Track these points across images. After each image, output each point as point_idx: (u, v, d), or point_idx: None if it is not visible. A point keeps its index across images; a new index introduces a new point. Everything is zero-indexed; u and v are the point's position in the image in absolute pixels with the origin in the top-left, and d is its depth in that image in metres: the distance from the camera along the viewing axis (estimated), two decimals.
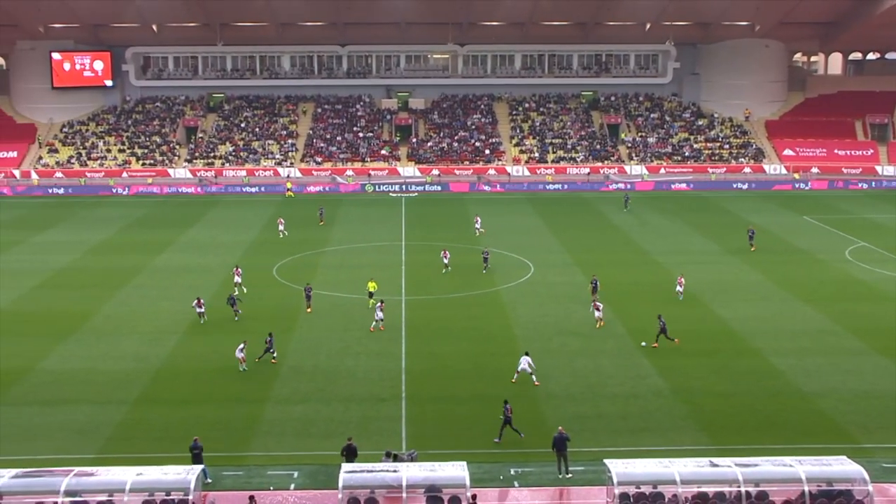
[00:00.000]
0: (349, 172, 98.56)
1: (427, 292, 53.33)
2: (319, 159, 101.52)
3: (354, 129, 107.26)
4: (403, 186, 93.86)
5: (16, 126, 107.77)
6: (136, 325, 46.90)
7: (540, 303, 51.10)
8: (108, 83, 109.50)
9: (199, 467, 28.33)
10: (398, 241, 68.32)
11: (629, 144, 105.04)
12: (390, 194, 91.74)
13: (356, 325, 47.14)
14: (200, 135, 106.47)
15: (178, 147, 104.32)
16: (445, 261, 57.89)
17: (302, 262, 61.64)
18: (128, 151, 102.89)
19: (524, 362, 38.99)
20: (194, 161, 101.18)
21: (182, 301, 51.18)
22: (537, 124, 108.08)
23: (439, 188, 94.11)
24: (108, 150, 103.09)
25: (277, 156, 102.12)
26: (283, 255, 63.00)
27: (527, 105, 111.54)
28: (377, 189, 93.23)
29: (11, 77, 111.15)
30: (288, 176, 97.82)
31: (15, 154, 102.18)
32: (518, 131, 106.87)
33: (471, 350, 43.02)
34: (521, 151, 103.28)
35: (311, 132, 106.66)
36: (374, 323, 46.21)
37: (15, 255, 64.35)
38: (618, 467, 27.63)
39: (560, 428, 31.52)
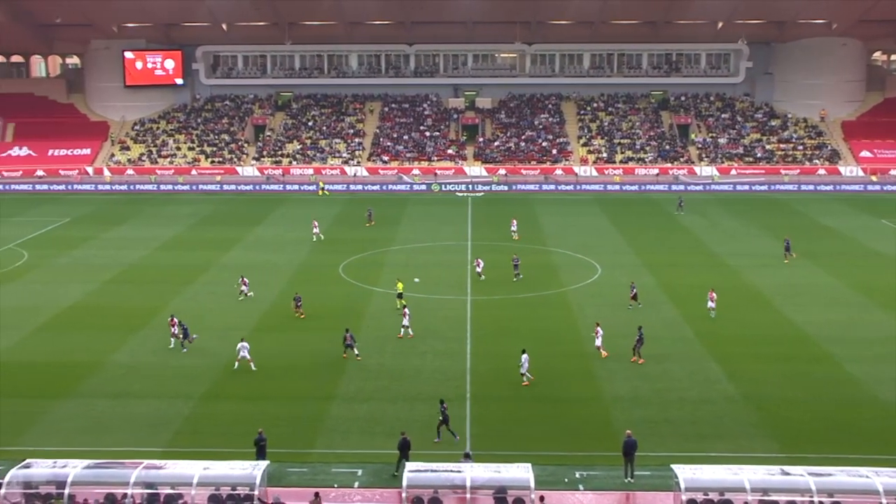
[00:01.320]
0: (415, 171, 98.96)
1: (493, 292, 53.24)
2: (386, 158, 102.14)
3: (421, 128, 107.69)
4: (470, 186, 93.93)
5: (89, 124, 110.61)
6: (205, 321, 47.64)
7: (607, 304, 50.65)
8: (179, 81, 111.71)
9: (264, 463, 28.69)
10: (464, 241, 68.36)
11: (699, 145, 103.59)
12: (457, 194, 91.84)
13: (421, 324, 47.25)
14: (268, 133, 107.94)
15: (246, 145, 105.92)
16: (479, 269, 56.51)
17: (367, 260, 62.03)
18: (197, 149, 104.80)
19: (524, 361, 38.86)
20: (262, 159, 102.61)
21: (249, 299, 51.88)
22: (605, 124, 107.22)
23: (506, 188, 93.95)
24: (178, 148, 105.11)
25: (344, 154, 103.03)
26: (349, 254, 63.47)
27: (595, 105, 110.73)
28: (443, 188, 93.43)
29: (86, 76, 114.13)
30: (355, 174, 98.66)
31: (88, 151, 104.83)
32: (586, 131, 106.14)
33: (536, 351, 42.71)
34: (589, 151, 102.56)
35: (377, 131, 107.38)
36: (401, 330, 45.43)
37: (88, 250, 65.98)
38: (685, 473, 27.24)
39: (628, 432, 31.18)
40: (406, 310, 46.29)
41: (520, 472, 27.58)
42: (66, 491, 27.34)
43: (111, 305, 51.41)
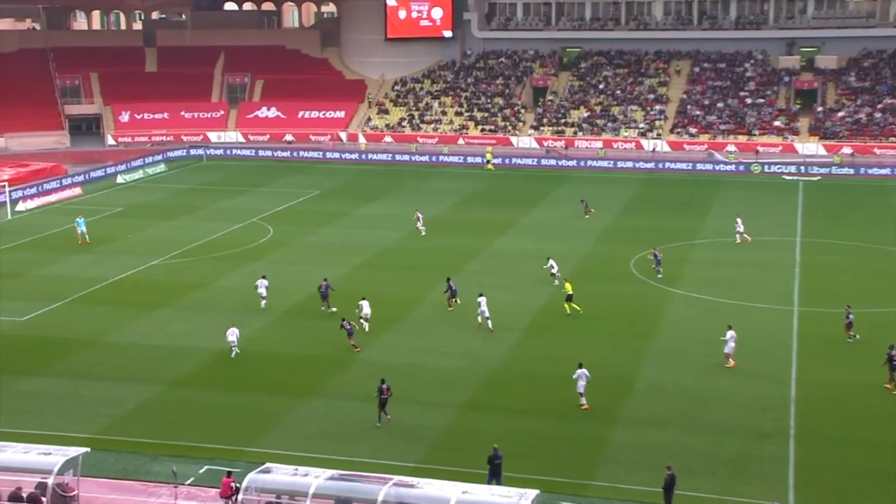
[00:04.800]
0: (731, 147, 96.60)
1: (829, 304, 50.96)
2: (694, 130, 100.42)
3: (741, 93, 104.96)
4: (802, 168, 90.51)
5: (344, 82, 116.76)
6: (469, 318, 48.92)
7: None
8: (447, 34, 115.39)
9: (533, 492, 28.84)
10: (791, 237, 66.01)
11: None
12: (784, 177, 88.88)
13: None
14: (550, 97, 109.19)
15: (523, 111, 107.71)
16: (553, 271, 55.12)
17: (666, 255, 61.26)
18: (465, 114, 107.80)
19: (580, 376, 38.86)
20: (541, 128, 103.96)
21: (524, 292, 52.80)
22: None
23: (851, 171, 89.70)
24: (444, 113, 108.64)
25: (641, 125, 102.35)
26: (644, 245, 62.92)
27: None
28: (767, 170, 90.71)
29: (343, 27, 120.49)
30: (654, 148, 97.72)
31: (342, 114, 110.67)
32: None
33: (884, 384, 40.61)
34: None
35: (684, 96, 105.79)
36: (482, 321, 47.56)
37: (338, 229, 69.70)
38: None
39: None
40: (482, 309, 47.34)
41: None
42: (308, 503, 28.96)
43: (363, 294, 53.89)
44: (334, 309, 50.16)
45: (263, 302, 50.99)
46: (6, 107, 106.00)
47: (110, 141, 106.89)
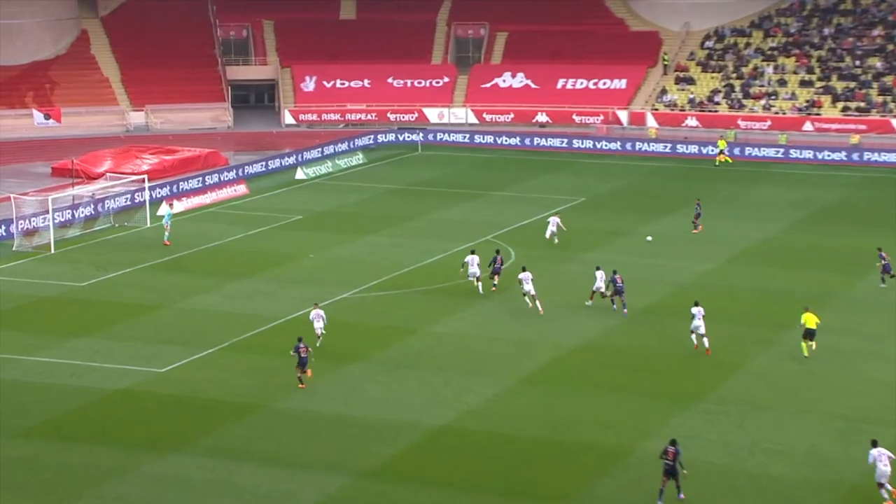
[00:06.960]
0: None
1: None
2: None
3: None
4: None
5: (628, 37, 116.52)
6: (823, 397, 47.94)
7: None
8: None
9: None
10: None
11: None
12: None
13: None
14: None
15: None
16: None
17: None
18: (818, 85, 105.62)
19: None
20: None
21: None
22: None
23: None
24: (782, 82, 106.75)
25: None
26: None
27: None
28: None
29: None
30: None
31: (623, 84, 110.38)
32: None
33: None
34: None
35: None
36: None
37: (613, 255, 68.96)
38: None
39: None
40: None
41: None
42: None
43: (643, 348, 53.78)
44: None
45: (476, 281, 60.96)
46: (149, 68, 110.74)
47: (288, 119, 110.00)
